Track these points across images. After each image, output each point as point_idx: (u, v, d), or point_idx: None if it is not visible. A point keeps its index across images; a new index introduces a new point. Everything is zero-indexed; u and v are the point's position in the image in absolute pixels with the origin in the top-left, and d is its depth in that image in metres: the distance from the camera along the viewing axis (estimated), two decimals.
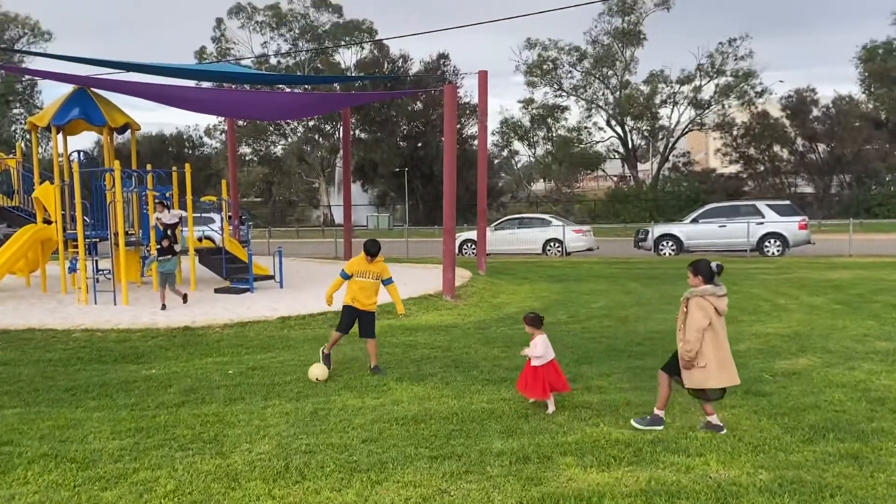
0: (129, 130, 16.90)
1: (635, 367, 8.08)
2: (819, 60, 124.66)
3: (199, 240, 17.08)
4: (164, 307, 12.60)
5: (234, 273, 15.50)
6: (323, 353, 8.23)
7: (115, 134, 17.27)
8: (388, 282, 8.28)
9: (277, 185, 57.81)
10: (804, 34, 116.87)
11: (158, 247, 13.03)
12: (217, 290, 15.01)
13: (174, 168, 16.18)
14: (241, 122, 49.04)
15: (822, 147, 47.22)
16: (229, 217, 18.38)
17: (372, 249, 8.03)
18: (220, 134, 55.89)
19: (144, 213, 15.17)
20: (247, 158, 56.91)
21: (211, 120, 57.98)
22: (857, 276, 16.76)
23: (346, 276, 8.17)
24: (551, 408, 6.39)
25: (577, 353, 8.87)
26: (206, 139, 61.36)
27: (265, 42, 54.36)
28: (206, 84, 37.93)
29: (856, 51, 46.72)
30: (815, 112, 47.20)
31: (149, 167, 16.04)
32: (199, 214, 22.76)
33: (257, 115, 31.22)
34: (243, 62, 51.38)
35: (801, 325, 10.60)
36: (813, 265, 19.42)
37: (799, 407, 6.40)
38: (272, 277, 15.92)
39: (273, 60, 53.65)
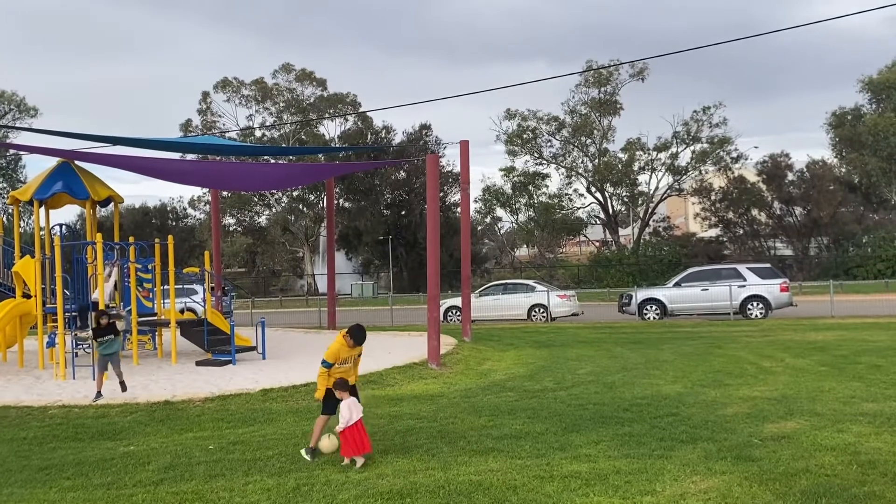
0: (112, 203, 16.91)
1: (624, 434, 7.97)
2: (791, 126, 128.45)
3: (182, 311, 16.91)
4: (99, 395, 10.95)
5: (215, 345, 15.30)
6: (309, 449, 7.60)
7: (97, 207, 17.28)
8: (359, 356, 7.85)
9: (261, 255, 57.77)
10: (775, 101, 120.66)
11: (95, 326, 11.06)
12: (198, 363, 14.78)
13: (157, 240, 16.15)
14: (225, 193, 49.31)
15: (798, 210, 48.14)
16: (212, 288, 18.26)
17: (359, 336, 7.53)
18: (204, 205, 56.06)
19: (126, 286, 15.06)
20: (231, 229, 57.02)
21: (195, 191, 58.27)
22: (840, 337, 16.83)
23: (328, 366, 7.55)
24: (360, 462, 7.03)
25: (565, 421, 8.76)
26: (189, 210, 61.59)
27: (250, 115, 55.26)
28: (190, 156, 38.26)
29: (826, 117, 48.24)
30: (791, 176, 48.32)
31: (131, 239, 16.00)
32: (181, 286, 22.60)
33: (242, 186, 31.43)
34: (228, 135, 52.07)
35: (787, 388, 10.57)
36: (796, 327, 19.50)
37: (790, 472, 6.32)
38: (255, 349, 15.73)
39: (258, 133, 54.41)
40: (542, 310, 25.39)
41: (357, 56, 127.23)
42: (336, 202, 50.99)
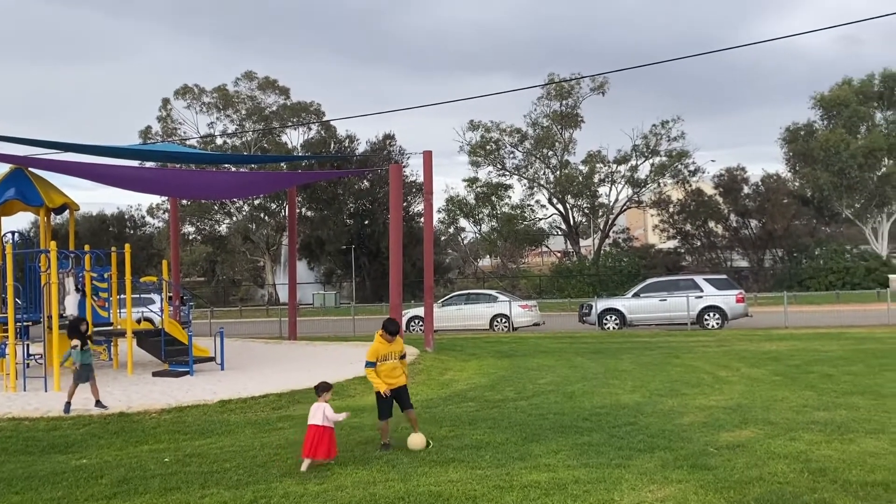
0: (67, 210, 16.56)
1: (583, 444, 8.04)
2: (747, 141, 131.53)
3: (138, 321, 16.60)
4: (69, 405, 10.74)
5: (173, 355, 15.05)
6: (381, 444, 8.02)
7: (52, 214, 16.89)
8: (402, 357, 8.19)
9: (221, 264, 56.94)
10: (732, 116, 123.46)
11: (77, 334, 10.77)
12: (155, 374, 14.52)
13: (113, 248, 15.85)
14: (184, 201, 48.56)
15: (754, 223, 49.17)
16: (170, 298, 17.97)
17: (391, 327, 7.91)
18: (163, 213, 55.12)
19: (82, 293, 14.73)
20: (190, 237, 56.10)
21: (154, 199, 57.27)
22: (793, 347, 17.23)
23: (372, 365, 7.96)
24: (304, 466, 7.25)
25: (526, 431, 8.80)
26: (148, 218, 60.47)
27: (212, 122, 54.56)
28: (149, 164, 37.61)
29: (780, 132, 49.34)
30: (746, 189, 49.37)
31: (86, 248, 15.67)
32: (138, 295, 22.16)
33: (202, 194, 31.02)
34: (189, 142, 51.38)
35: (742, 397, 10.78)
36: (751, 337, 19.91)
37: (744, 480, 6.44)
38: (213, 359, 15.49)
39: (219, 140, 53.75)
40: (504, 320, 25.50)
41: (321, 65, 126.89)
42: (298, 211, 50.57)
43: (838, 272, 43.01)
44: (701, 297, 23.57)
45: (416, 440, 7.86)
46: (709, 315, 23.37)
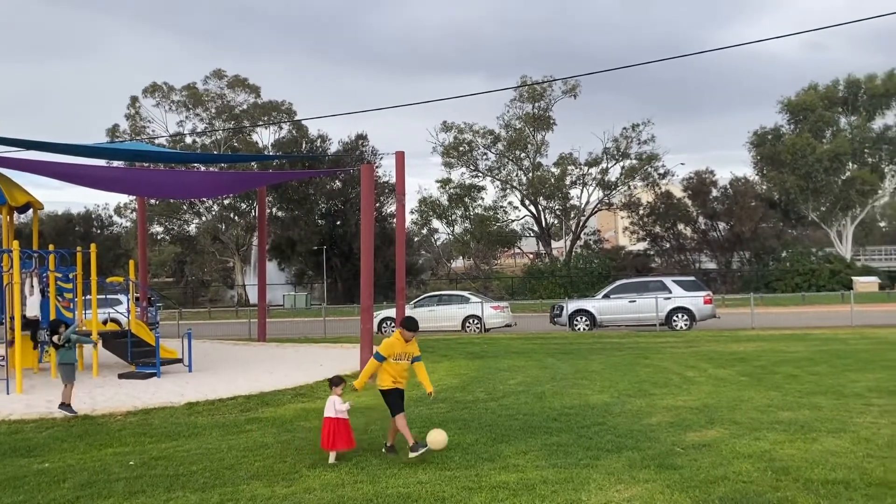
0: (31, 209, 16.24)
1: (552, 444, 8.08)
2: (716, 145, 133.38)
3: (104, 322, 16.34)
4: (68, 407, 10.72)
5: (139, 357, 14.84)
6: (411, 445, 7.51)
7: (15, 213, 16.56)
8: (417, 360, 7.85)
9: (190, 265, 56.31)
10: (701, 120, 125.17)
11: (54, 334, 10.94)
12: (121, 376, 14.29)
13: (79, 248, 15.58)
14: (153, 201, 47.93)
15: (722, 225, 49.91)
16: (136, 298, 17.71)
17: (410, 325, 7.68)
18: (131, 212, 54.39)
19: (45, 296, 14.46)
20: (158, 237, 55.41)
21: (121, 198, 56.46)
22: (759, 348, 17.49)
23: (381, 359, 7.63)
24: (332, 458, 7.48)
25: (495, 432, 8.82)
26: (115, 218, 59.66)
27: (181, 121, 53.94)
28: (117, 163, 37.05)
29: (748, 136, 50.15)
30: (715, 193, 50.08)
31: (51, 247, 15.39)
32: (104, 296, 21.82)
33: (171, 193, 30.64)
34: (158, 141, 50.70)
35: (709, 398, 10.91)
36: (719, 338, 20.16)
37: (709, 479, 6.52)
38: (181, 361, 15.31)
39: (189, 139, 53.14)
40: (476, 321, 25.55)
41: (292, 64, 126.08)
42: (269, 211, 50.25)
43: (804, 274, 43.80)
44: (669, 298, 23.84)
45: (439, 438, 7.37)
46: (677, 316, 23.64)
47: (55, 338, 10.81)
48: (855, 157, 46.70)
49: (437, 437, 7.40)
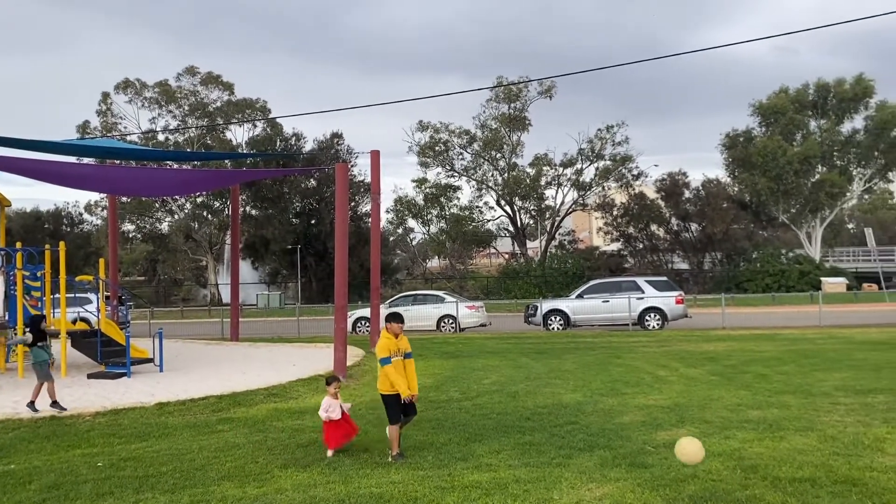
0: None
1: (525, 443, 8.12)
2: (690, 147, 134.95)
3: (74, 322, 16.09)
4: (56, 405, 10.68)
5: (109, 356, 14.64)
6: (392, 455, 7.50)
7: None
8: (409, 356, 7.72)
9: (162, 263, 55.62)
10: (675, 122, 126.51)
11: (37, 332, 10.90)
12: (90, 376, 14.08)
13: (48, 246, 15.32)
14: (124, 199, 47.27)
15: (694, 226, 50.44)
16: (107, 297, 17.46)
17: (397, 319, 7.60)
18: (102, 210, 53.52)
19: (13, 294, 14.19)
20: (130, 236, 54.65)
21: (92, 196, 55.57)
22: (730, 347, 17.71)
23: (387, 362, 7.44)
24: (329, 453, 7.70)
25: (469, 431, 8.84)
26: (86, 216, 58.70)
27: (154, 118, 53.24)
28: (87, 160, 36.46)
29: (720, 138, 50.69)
30: (687, 194, 50.59)
31: (19, 245, 15.12)
32: (73, 295, 21.49)
33: (143, 191, 30.23)
34: (130, 138, 49.98)
35: (680, 397, 11.03)
36: (690, 338, 20.39)
37: (679, 478, 6.59)
38: (151, 360, 15.13)
39: (161, 137, 52.48)
40: (451, 321, 25.56)
41: (267, 62, 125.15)
42: (242, 209, 49.77)
43: (774, 275, 44.43)
44: (642, 298, 24.05)
45: (691, 449, 5.93)
46: (650, 316, 23.86)
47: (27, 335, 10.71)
48: (824, 159, 47.47)
49: (690, 449, 5.90)
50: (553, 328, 24.42)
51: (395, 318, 7.69)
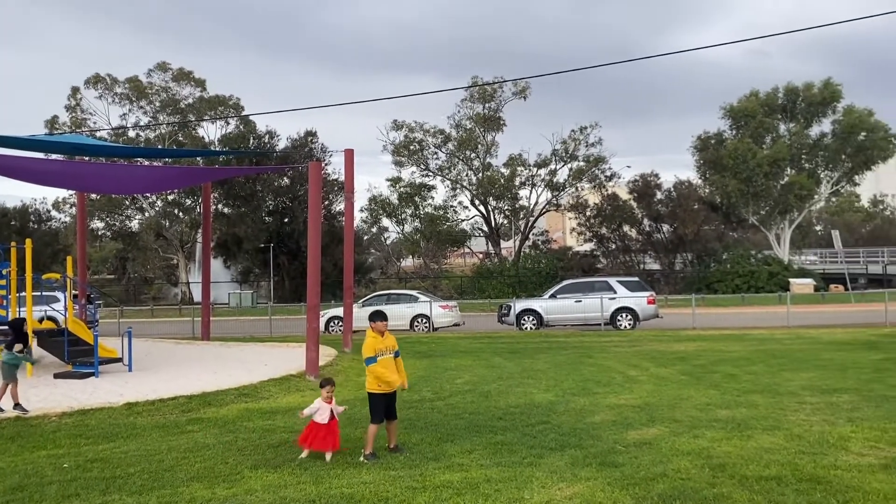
0: None
1: (497, 443, 8.14)
2: (661, 148, 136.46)
3: (40, 320, 15.81)
4: (19, 407, 10.52)
5: (77, 356, 14.41)
6: (365, 455, 7.51)
7: None
8: (397, 354, 7.78)
9: (132, 262, 54.84)
10: (648, 124, 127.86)
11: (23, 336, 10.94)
12: (57, 375, 13.85)
13: (13, 243, 15.03)
14: (93, 196, 46.52)
15: (666, 227, 50.96)
16: (75, 296, 17.18)
17: (380, 318, 7.64)
18: (70, 207, 52.65)
19: None
20: (99, 233, 53.80)
21: (60, 192, 54.59)
22: (700, 347, 17.93)
23: (372, 361, 7.49)
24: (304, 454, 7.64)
25: (441, 431, 8.84)
26: (54, 213, 57.62)
27: (124, 114, 52.48)
28: (56, 156, 35.81)
29: (692, 140, 51.24)
30: (659, 195, 51.08)
31: None
32: (40, 293, 21.13)
33: (112, 188, 29.77)
34: (100, 134, 49.21)
35: (650, 396, 11.14)
36: (661, 338, 20.61)
37: (649, 477, 6.65)
38: (120, 360, 14.91)
39: (132, 133, 51.76)
40: (424, 320, 25.55)
41: (240, 59, 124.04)
42: (215, 207, 49.29)
43: (744, 276, 45.03)
44: (614, 298, 24.25)
45: None
46: (621, 316, 24.07)
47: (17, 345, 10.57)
48: (793, 162, 48.22)
49: None
50: (526, 328, 24.52)
51: (379, 316, 7.74)
